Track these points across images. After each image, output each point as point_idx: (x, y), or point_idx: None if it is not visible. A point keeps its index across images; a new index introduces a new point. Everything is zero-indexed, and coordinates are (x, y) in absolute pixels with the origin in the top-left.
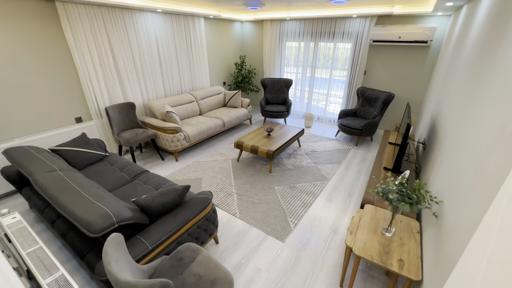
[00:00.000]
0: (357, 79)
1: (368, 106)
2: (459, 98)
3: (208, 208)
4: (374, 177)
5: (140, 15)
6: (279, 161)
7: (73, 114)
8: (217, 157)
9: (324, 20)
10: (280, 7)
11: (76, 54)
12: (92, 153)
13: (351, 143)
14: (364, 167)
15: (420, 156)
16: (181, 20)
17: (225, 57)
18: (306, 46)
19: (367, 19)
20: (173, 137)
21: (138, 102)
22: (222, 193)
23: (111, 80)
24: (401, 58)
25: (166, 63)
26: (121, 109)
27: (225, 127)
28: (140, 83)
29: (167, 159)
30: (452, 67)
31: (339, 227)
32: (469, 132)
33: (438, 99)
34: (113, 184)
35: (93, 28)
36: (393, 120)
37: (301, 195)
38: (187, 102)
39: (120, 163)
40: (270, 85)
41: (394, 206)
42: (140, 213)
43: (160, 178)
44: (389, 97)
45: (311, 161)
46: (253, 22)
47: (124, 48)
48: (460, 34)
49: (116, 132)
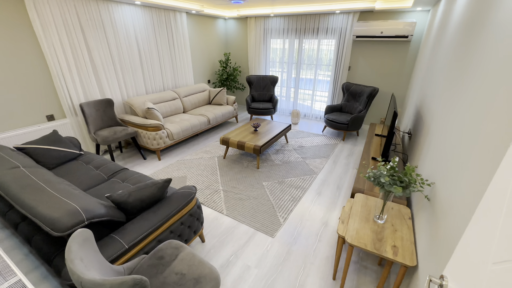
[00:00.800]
0: (341, 75)
1: (354, 101)
2: (443, 83)
3: (192, 203)
4: (364, 163)
5: (117, 7)
6: (267, 157)
7: (44, 111)
8: (203, 155)
9: (308, 16)
10: (264, 2)
11: (46, 46)
12: (65, 151)
13: (338, 138)
14: (351, 161)
15: (406, 146)
16: (161, 14)
17: (209, 55)
18: (291, 43)
19: (349, 15)
20: (155, 134)
21: (117, 99)
22: (208, 190)
23: (86, 75)
24: (384, 53)
25: (146, 59)
26: (98, 106)
27: (210, 124)
28: (118, 79)
29: (149, 158)
30: (434, 57)
31: (329, 219)
32: (456, 111)
33: (421, 89)
34: (88, 183)
35: (65, 19)
36: (378, 114)
37: (290, 189)
38: (170, 99)
39: (96, 161)
40: (255, 82)
41: (386, 190)
42: (115, 209)
43: (140, 175)
44: (373, 91)
45: (299, 156)
46: (237, 19)
47: (100, 41)
48: (440, 25)
49: (93, 130)
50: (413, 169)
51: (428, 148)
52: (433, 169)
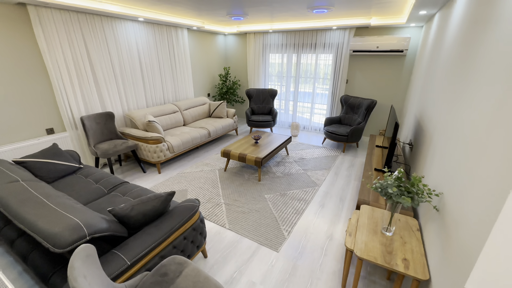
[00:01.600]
0: (339, 88)
1: (352, 113)
2: (443, 94)
3: (195, 216)
4: (370, 173)
5: (121, 23)
6: (268, 169)
7: (44, 125)
8: (203, 168)
9: (305, 32)
10: (263, 19)
11: (49, 61)
12: (64, 165)
13: (338, 150)
14: (353, 172)
15: (408, 156)
16: (163, 30)
17: (209, 69)
18: (289, 58)
19: (346, 31)
20: (155, 147)
21: (117, 112)
22: (210, 203)
23: (88, 89)
24: (380, 67)
25: (148, 73)
26: (99, 119)
27: (211, 137)
28: (120, 92)
29: (149, 172)
30: (431, 70)
31: (334, 232)
32: (460, 121)
33: (420, 101)
34: (88, 197)
35: (69, 35)
36: (376, 126)
37: (293, 202)
38: (170, 112)
39: (96, 174)
40: (255, 95)
41: (394, 201)
42: (117, 224)
43: (141, 189)
44: (371, 103)
45: (300, 168)
46: (237, 35)
47: (103, 56)
48: (435, 38)
49: (93, 143)
50: (420, 179)
51: (433, 158)
52: (439, 179)
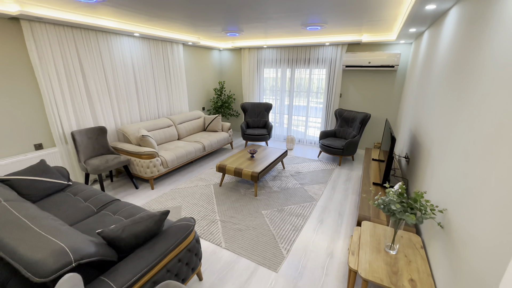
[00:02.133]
0: (333, 102)
1: (347, 127)
2: (439, 108)
3: (190, 236)
4: (371, 189)
5: (116, 38)
6: (264, 184)
7: (33, 140)
8: (198, 183)
9: (299, 47)
10: (258, 35)
11: (41, 75)
12: (51, 182)
13: (334, 163)
14: (350, 186)
15: (405, 170)
16: (159, 45)
17: (204, 83)
18: (284, 73)
19: (338, 47)
20: (149, 162)
21: (110, 127)
22: (205, 221)
23: (80, 103)
24: (373, 81)
25: (142, 87)
26: (91, 134)
27: (206, 151)
28: (113, 106)
29: (142, 187)
30: (424, 85)
31: (334, 250)
32: (460, 135)
33: (414, 114)
34: (75, 217)
35: (63, 49)
36: (371, 139)
37: (291, 218)
38: (164, 126)
39: (85, 192)
40: (250, 109)
41: (398, 218)
42: (106, 247)
43: (133, 207)
44: (365, 117)
45: (297, 182)
46: (231, 50)
47: (97, 70)
48: (426, 55)
49: (84, 159)
50: (422, 195)
51: (432, 173)
52: (442, 194)
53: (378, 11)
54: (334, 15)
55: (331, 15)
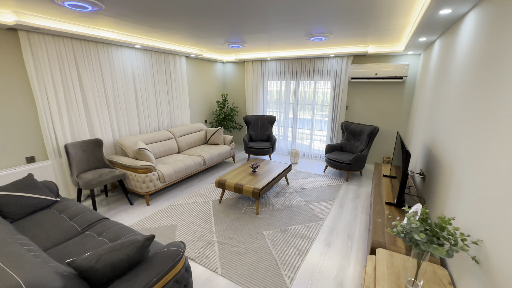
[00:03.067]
0: (339, 114)
1: (354, 140)
2: (462, 122)
3: (179, 265)
4: (388, 213)
5: (117, 50)
6: (267, 201)
7: (24, 152)
8: (196, 199)
9: (303, 60)
10: (261, 47)
11: (36, 86)
12: (36, 198)
13: (341, 179)
14: (359, 204)
15: (421, 188)
16: (161, 57)
17: (206, 95)
18: (288, 85)
19: (344, 58)
20: (145, 177)
21: (107, 139)
22: (201, 242)
23: (76, 115)
24: (380, 93)
25: (143, 99)
26: (86, 147)
27: (206, 165)
28: (111, 119)
29: (137, 203)
30: (439, 95)
31: (344, 279)
32: (493, 151)
33: (429, 127)
34: (56, 238)
35: (61, 60)
36: (379, 153)
37: (295, 240)
38: (164, 139)
39: (72, 210)
40: (253, 122)
41: (422, 250)
42: (78, 280)
43: (122, 227)
44: (374, 130)
45: (301, 200)
46: (235, 63)
47: (96, 82)
48: (440, 64)
49: (77, 172)
50: (449, 221)
51: (458, 195)
52: (473, 221)
53: (386, 19)
54: (339, 24)
55: (336, 25)
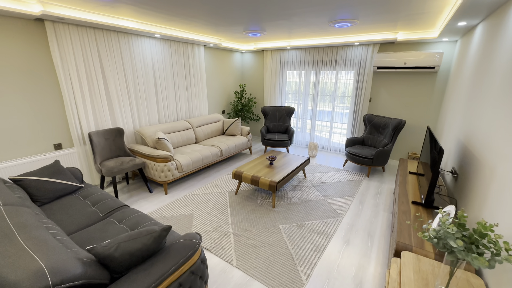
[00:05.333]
0: (362, 107)
1: (377, 134)
2: (509, 115)
3: (195, 256)
4: (418, 215)
5: (137, 40)
6: (283, 194)
7: (52, 140)
8: (213, 190)
9: (325, 48)
10: (281, 35)
11: (62, 75)
12: (62, 184)
13: (362, 174)
14: (381, 201)
15: (452, 188)
16: (180, 47)
17: (224, 86)
18: (307, 75)
19: (369, 47)
20: (163, 166)
21: (128, 128)
22: (217, 233)
23: (99, 104)
24: (408, 84)
25: (162, 89)
26: (108, 135)
27: (223, 156)
28: (132, 108)
29: (156, 192)
30: (481, 87)
31: (364, 279)
32: None
33: (465, 121)
34: (80, 222)
35: (84, 50)
36: (404, 148)
37: (312, 235)
38: (182, 129)
39: (95, 196)
40: (271, 113)
41: (458, 259)
42: (97, 266)
43: (140, 215)
44: (399, 123)
45: (319, 194)
46: (254, 52)
47: (117, 71)
48: (483, 52)
49: (100, 160)
50: (491, 228)
51: (501, 198)
52: None
53: (422, 2)
54: (368, 8)
55: (364, 9)
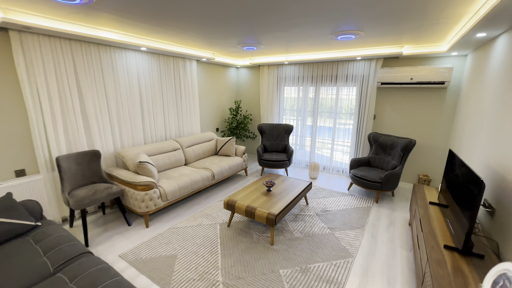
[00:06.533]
0: (366, 124)
1: (384, 154)
2: None
3: None
4: (452, 264)
5: (121, 53)
6: (283, 226)
7: (14, 165)
8: (202, 221)
9: (325, 63)
10: (278, 49)
11: (28, 91)
12: (10, 224)
13: (369, 199)
14: (396, 234)
15: (487, 226)
16: (170, 61)
17: (218, 102)
18: (306, 91)
19: (372, 61)
20: (144, 195)
21: (108, 150)
22: (203, 282)
23: (73, 124)
24: (415, 101)
25: (149, 107)
26: (81, 159)
27: (215, 179)
28: (113, 127)
29: (136, 224)
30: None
31: None
32: None
33: (496, 145)
34: (19, 282)
35: (58, 64)
36: (413, 169)
37: (319, 285)
38: (170, 150)
39: (52, 238)
40: (268, 131)
41: None
42: None
43: (102, 269)
44: (409, 143)
45: (324, 226)
46: (249, 68)
47: (97, 87)
48: (504, 68)
49: (69, 189)
50: None
51: None
52: None
53: (439, 9)
54: (375, 18)
55: (371, 19)
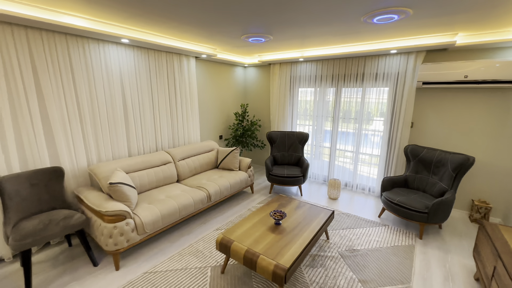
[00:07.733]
0: (400, 134)
1: (427, 173)
2: None
3: None
4: None
5: (97, 46)
6: (296, 275)
7: None
8: (190, 262)
9: (348, 59)
10: (292, 42)
11: None
12: None
13: (410, 232)
14: None
15: None
16: (162, 58)
17: (222, 106)
18: (325, 93)
19: (410, 56)
20: (112, 228)
21: (80, 165)
22: None
23: (31, 134)
24: (469, 105)
25: (135, 112)
26: (37, 179)
27: (212, 201)
28: (87, 138)
29: (104, 263)
30: None
31: None
32: None
33: None
34: None
35: (8, 58)
36: (464, 193)
37: None
38: (158, 164)
39: None
40: (279, 140)
41: None
42: None
43: None
44: (465, 161)
45: (353, 277)
46: (258, 66)
47: (64, 90)
48: None
49: (16, 219)
50: None
51: None
52: None
53: None
54: None
55: None
